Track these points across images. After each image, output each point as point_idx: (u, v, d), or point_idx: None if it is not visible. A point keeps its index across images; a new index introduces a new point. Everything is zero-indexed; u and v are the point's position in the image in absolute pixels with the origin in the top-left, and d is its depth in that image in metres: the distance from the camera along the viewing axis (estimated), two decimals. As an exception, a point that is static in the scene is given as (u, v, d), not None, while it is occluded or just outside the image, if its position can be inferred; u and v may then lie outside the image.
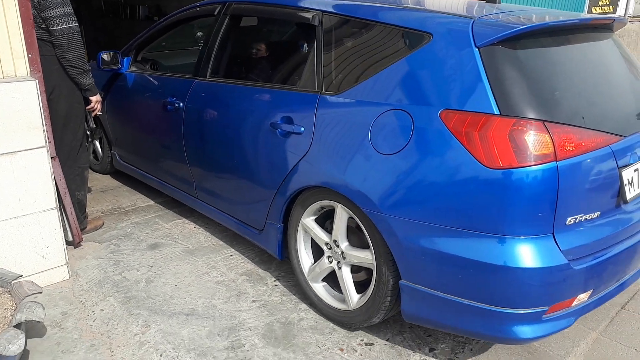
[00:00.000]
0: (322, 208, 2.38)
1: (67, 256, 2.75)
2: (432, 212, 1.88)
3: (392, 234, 1.99)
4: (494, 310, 1.84)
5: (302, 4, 2.53)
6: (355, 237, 2.29)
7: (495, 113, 1.78)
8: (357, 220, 2.18)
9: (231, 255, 3.03)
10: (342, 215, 2.24)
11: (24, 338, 1.96)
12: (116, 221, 3.45)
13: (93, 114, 3.23)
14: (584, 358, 2.23)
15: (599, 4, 7.89)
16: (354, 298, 2.30)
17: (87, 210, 3.24)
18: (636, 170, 2.01)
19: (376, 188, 2.00)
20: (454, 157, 1.81)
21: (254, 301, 2.59)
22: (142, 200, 3.80)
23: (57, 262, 2.71)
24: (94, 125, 3.95)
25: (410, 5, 2.33)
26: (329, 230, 2.38)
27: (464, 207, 1.81)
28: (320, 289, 2.48)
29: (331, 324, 2.42)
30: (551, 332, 1.90)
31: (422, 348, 2.27)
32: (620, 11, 8.41)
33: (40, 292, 2.27)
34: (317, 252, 2.51)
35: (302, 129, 2.31)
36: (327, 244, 2.38)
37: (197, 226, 3.39)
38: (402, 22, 2.11)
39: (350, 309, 2.31)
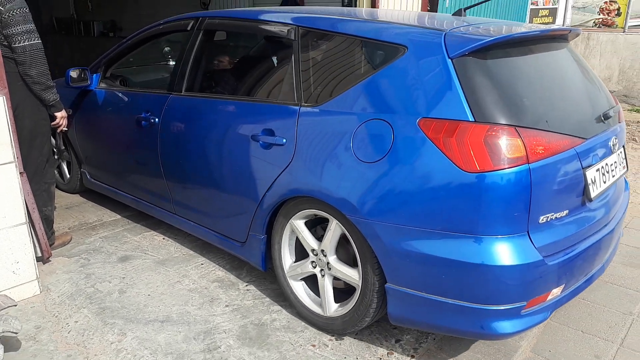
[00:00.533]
0: (315, 215, 2.41)
1: (37, 271, 2.76)
2: (414, 216, 1.97)
3: (377, 238, 2.06)
4: (475, 307, 1.93)
5: (277, 19, 2.60)
6: (342, 249, 2.34)
7: (470, 120, 1.88)
8: (343, 228, 2.23)
9: (202, 264, 3.10)
10: (335, 229, 2.28)
11: (2, 350, 1.99)
12: (84, 236, 3.47)
13: (58, 130, 3.25)
14: (536, 341, 2.43)
15: (539, 15, 8.40)
16: (332, 307, 2.38)
17: (54, 226, 3.25)
18: (597, 170, 2.16)
19: (359, 195, 2.07)
20: (433, 162, 1.91)
21: (227, 306, 2.68)
22: (108, 215, 3.82)
23: (28, 277, 2.72)
24: (63, 147, 3.93)
25: (384, 20, 2.45)
26: (316, 236, 2.44)
27: (444, 210, 1.91)
28: (298, 288, 2.54)
29: (303, 323, 2.54)
30: (529, 327, 2.01)
31: (388, 340, 2.41)
32: (559, 21, 8.98)
33: (15, 305, 2.30)
34: (300, 253, 2.55)
35: (284, 140, 2.36)
36: (313, 250, 2.42)
37: (165, 237, 3.45)
38: (377, 35, 2.21)
39: (325, 315, 2.40)
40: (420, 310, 2.08)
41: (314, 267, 2.44)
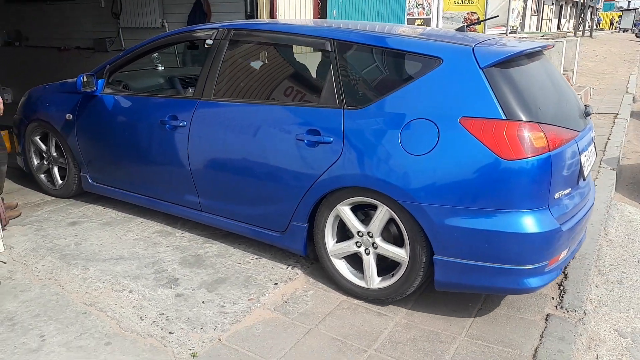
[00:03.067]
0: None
1: (1, 232, 3.29)
2: (460, 197, 2.36)
3: (428, 218, 2.43)
4: (512, 268, 2.37)
5: (314, 33, 2.94)
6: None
7: (503, 118, 2.32)
8: (392, 213, 2.56)
9: (142, 222, 3.77)
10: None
11: (-3, 273, 2.58)
12: (31, 211, 3.98)
13: None
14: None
15: (415, 24, 9.83)
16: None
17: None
18: (585, 156, 2.66)
19: (411, 182, 2.43)
20: (475, 152, 2.32)
21: (168, 246, 3.39)
22: (49, 197, 4.33)
23: (-6, 236, 3.25)
24: (56, 154, 4.09)
25: (415, 35, 2.83)
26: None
27: (484, 191, 2.32)
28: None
29: (231, 250, 3.32)
30: (550, 281, 2.49)
31: (294, 257, 3.26)
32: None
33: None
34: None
35: (331, 139, 2.65)
36: (359, 232, 2.71)
37: (106, 207, 4.05)
38: (414, 48, 2.61)
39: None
40: (465, 275, 2.47)
41: (359, 247, 2.74)
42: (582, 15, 26.96)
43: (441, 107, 2.43)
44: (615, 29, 45.66)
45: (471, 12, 9.88)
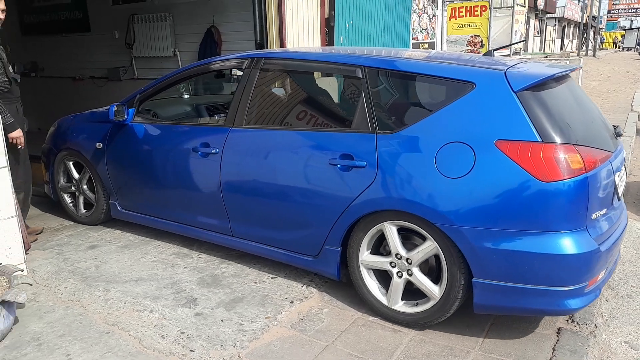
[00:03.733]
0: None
1: (25, 256, 3.41)
2: (498, 219, 2.36)
3: (466, 241, 2.43)
4: (552, 289, 2.36)
5: (344, 60, 3.02)
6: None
7: (538, 140, 2.33)
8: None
9: (159, 245, 3.88)
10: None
11: (25, 294, 2.68)
12: (51, 236, 4.10)
13: (19, 146, 3.73)
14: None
15: (420, 48, 10.04)
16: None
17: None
18: (618, 176, 2.67)
19: (448, 205, 2.44)
20: (513, 175, 2.33)
21: (185, 267, 3.49)
22: (67, 221, 4.45)
23: (18, 260, 3.36)
24: (86, 187, 4.18)
25: (446, 61, 2.87)
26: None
27: (523, 213, 2.33)
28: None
29: (247, 270, 3.41)
30: (589, 302, 2.47)
31: (309, 274, 3.34)
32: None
33: (22, 270, 2.97)
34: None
35: (365, 163, 2.68)
36: (397, 254, 2.70)
37: (123, 231, 4.17)
38: (446, 74, 2.65)
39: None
40: (504, 298, 2.45)
41: (392, 267, 2.74)
42: (585, 35, 27.24)
43: (476, 131, 2.46)
44: (619, 48, 46.00)
45: (475, 35, 10.11)
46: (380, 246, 2.86)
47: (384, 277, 2.87)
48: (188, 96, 4.62)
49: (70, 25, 8.49)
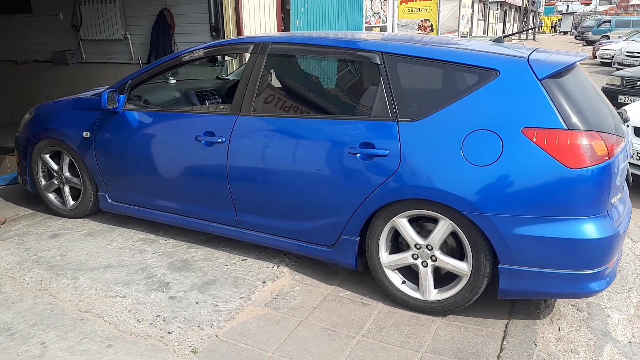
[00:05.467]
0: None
1: (-16, 247, 3.32)
2: (527, 206, 2.40)
3: (494, 228, 2.46)
4: (577, 273, 2.43)
5: (360, 46, 2.95)
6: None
7: (564, 127, 2.38)
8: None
9: (124, 232, 3.85)
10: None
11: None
12: (9, 227, 3.98)
13: None
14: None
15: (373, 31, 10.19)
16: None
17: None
18: (629, 162, 2.87)
19: (477, 193, 2.46)
20: (540, 162, 2.37)
21: (154, 253, 3.50)
22: (24, 211, 4.32)
23: (-22, 251, 3.27)
24: (69, 174, 3.96)
25: (467, 48, 2.84)
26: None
27: (550, 199, 2.38)
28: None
29: (217, 254, 3.46)
30: (609, 284, 2.56)
31: (278, 255, 3.43)
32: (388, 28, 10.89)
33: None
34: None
35: (387, 151, 2.66)
36: (416, 244, 2.71)
37: (85, 219, 4.10)
38: (469, 60, 2.63)
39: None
40: (530, 283, 2.51)
41: (415, 259, 2.75)
42: (525, 19, 28.29)
43: (502, 118, 2.48)
44: (557, 32, 48.03)
45: (424, 20, 10.34)
46: (397, 243, 2.87)
47: (408, 273, 2.86)
48: (174, 81, 4.38)
49: (10, 5, 8.05)
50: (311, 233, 3.02)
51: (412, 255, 2.75)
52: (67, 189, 4.06)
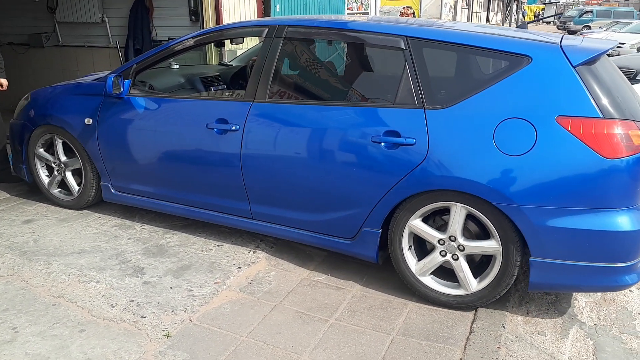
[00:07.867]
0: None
1: (-45, 232, 3.27)
2: (561, 197, 2.33)
3: (526, 220, 2.38)
4: (610, 266, 2.37)
5: (384, 30, 2.80)
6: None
7: (600, 116, 2.30)
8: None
9: (99, 217, 3.82)
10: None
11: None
12: (-20, 212, 3.92)
13: None
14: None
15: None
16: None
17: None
18: None
19: (510, 184, 2.38)
20: (576, 152, 2.29)
21: (129, 239, 3.48)
22: (-3, 196, 4.27)
23: (-52, 237, 3.22)
24: (65, 158, 3.81)
25: (495, 33, 2.71)
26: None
27: (586, 190, 2.30)
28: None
29: (192, 239, 3.45)
30: (639, 279, 2.47)
31: (254, 241, 3.44)
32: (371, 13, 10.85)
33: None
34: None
35: (414, 140, 2.56)
36: (439, 240, 2.65)
37: (59, 205, 4.06)
38: (500, 46, 2.53)
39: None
40: (562, 276, 2.44)
41: (444, 256, 2.66)
42: (508, 8, 28.43)
43: (535, 106, 2.39)
44: (540, 21, 48.35)
45: (407, 7, 10.30)
46: (421, 246, 2.81)
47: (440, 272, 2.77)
48: (177, 66, 4.20)
49: (-17, -14, 7.83)
50: (330, 225, 2.92)
51: (440, 253, 2.68)
52: (69, 175, 3.87)
